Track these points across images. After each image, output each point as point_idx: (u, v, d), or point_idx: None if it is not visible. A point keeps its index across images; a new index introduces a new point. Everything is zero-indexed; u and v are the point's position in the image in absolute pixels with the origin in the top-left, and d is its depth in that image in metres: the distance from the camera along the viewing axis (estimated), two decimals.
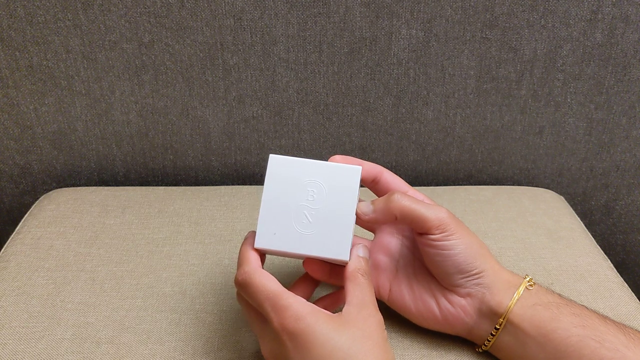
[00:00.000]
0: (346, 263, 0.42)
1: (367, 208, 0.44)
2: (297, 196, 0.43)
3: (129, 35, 0.63)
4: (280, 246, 0.42)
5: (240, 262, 0.42)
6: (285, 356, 0.39)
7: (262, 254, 0.44)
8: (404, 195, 0.44)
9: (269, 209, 0.43)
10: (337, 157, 0.45)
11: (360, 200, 0.45)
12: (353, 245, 0.43)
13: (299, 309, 0.38)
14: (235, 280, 0.42)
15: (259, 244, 0.43)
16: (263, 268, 0.42)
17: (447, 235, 0.44)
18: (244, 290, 0.41)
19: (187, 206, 0.65)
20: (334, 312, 0.41)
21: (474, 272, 0.44)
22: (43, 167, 0.72)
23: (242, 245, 0.44)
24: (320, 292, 0.52)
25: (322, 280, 0.46)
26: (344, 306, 0.41)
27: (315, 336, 0.38)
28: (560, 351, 0.41)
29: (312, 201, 0.43)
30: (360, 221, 0.45)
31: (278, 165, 0.43)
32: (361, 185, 0.47)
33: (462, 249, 0.44)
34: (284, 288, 0.40)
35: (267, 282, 0.40)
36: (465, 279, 0.44)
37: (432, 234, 0.44)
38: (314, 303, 0.46)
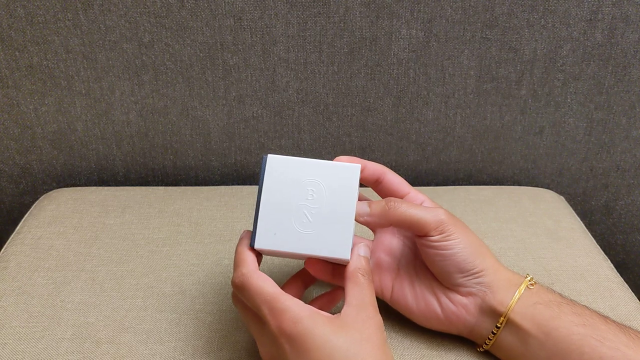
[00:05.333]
0: (347, 262, 0.42)
1: (363, 210, 0.44)
2: (296, 196, 0.43)
3: (129, 35, 0.63)
4: (281, 246, 0.42)
5: (237, 264, 0.42)
6: (284, 359, 0.39)
7: (260, 255, 0.44)
8: (400, 202, 0.44)
9: (268, 209, 0.43)
10: (342, 157, 0.45)
11: (359, 200, 0.45)
12: (354, 245, 0.43)
13: (296, 312, 0.38)
14: (232, 282, 0.42)
15: (260, 244, 0.42)
16: (260, 268, 0.42)
17: (446, 236, 0.44)
18: (241, 293, 0.41)
19: (187, 206, 0.65)
20: (331, 312, 0.41)
21: (474, 270, 0.44)
22: (43, 167, 0.72)
23: (238, 245, 0.43)
24: (318, 290, 0.52)
25: (325, 280, 0.46)
26: (342, 307, 0.40)
27: (314, 339, 0.38)
28: (561, 349, 0.41)
29: (311, 200, 0.42)
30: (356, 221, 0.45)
31: (276, 165, 0.43)
32: (364, 185, 0.47)
33: (461, 248, 0.44)
34: (281, 290, 0.40)
35: (264, 285, 0.40)
36: (465, 278, 0.44)
37: (430, 236, 0.44)
38: (310, 302, 0.46)
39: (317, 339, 0.37)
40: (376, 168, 0.47)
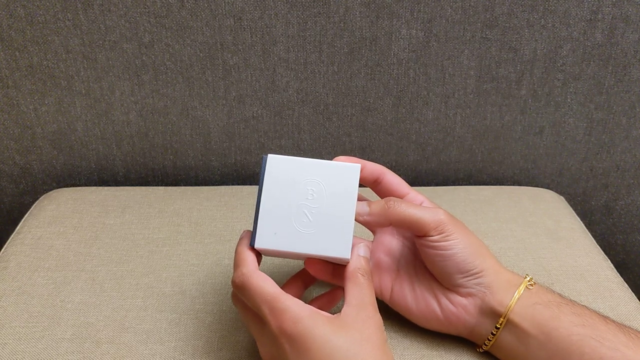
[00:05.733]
0: (347, 262, 0.42)
1: (362, 209, 0.44)
2: (296, 195, 0.43)
3: (129, 35, 0.63)
4: (281, 246, 0.42)
5: (237, 264, 0.42)
6: (284, 359, 0.39)
7: (259, 255, 0.44)
8: (400, 202, 0.44)
9: (268, 208, 0.43)
10: (341, 157, 0.45)
11: (358, 199, 0.45)
12: (354, 245, 0.43)
13: (296, 312, 0.38)
14: (232, 282, 0.42)
15: (260, 244, 0.42)
16: (260, 269, 0.42)
17: (446, 236, 0.44)
18: (241, 293, 0.41)
19: (187, 206, 0.65)
20: (331, 312, 0.41)
21: (473, 271, 0.44)
22: (43, 167, 0.72)
23: (238, 245, 0.43)
24: (318, 290, 0.52)
25: (325, 280, 0.46)
26: (342, 306, 0.41)
27: (314, 339, 0.38)
28: (561, 350, 0.41)
29: (312, 200, 0.42)
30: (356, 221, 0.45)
31: (276, 165, 0.43)
32: (363, 186, 0.47)
33: (460, 248, 0.44)
34: (282, 290, 0.40)
35: (264, 285, 0.40)
36: (465, 279, 0.44)
37: (430, 236, 0.44)
38: (309, 302, 0.46)
39: (317, 339, 0.38)
40: (375, 168, 0.47)
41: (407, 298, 0.47)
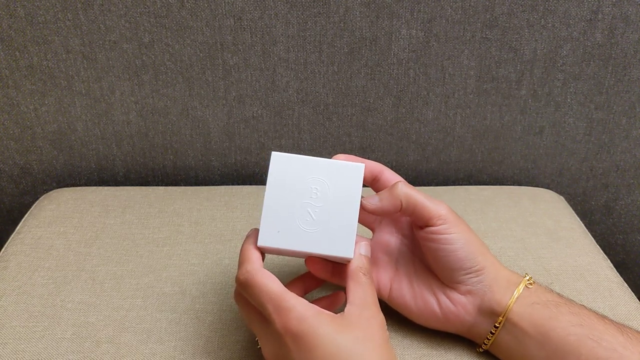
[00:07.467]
0: (350, 261, 0.42)
1: (373, 199, 0.45)
2: (300, 194, 0.43)
3: (129, 35, 0.63)
4: (284, 244, 0.42)
5: (241, 261, 0.42)
6: (288, 357, 0.39)
7: (263, 253, 0.44)
8: (407, 185, 0.45)
9: (272, 207, 0.42)
10: (341, 155, 0.45)
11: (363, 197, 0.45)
12: (355, 243, 0.43)
13: (302, 311, 0.38)
14: (236, 279, 0.42)
15: (263, 242, 0.42)
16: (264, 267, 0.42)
17: (448, 228, 0.44)
18: (245, 290, 0.41)
19: (187, 206, 0.65)
20: (334, 313, 0.41)
21: (475, 268, 0.44)
22: (43, 167, 0.72)
23: (244, 243, 0.43)
24: (319, 292, 0.52)
25: (324, 279, 0.46)
26: (345, 305, 0.41)
27: (319, 338, 0.38)
28: (559, 350, 0.42)
29: (315, 199, 0.42)
30: (365, 214, 0.45)
31: (281, 162, 0.43)
32: (364, 185, 0.47)
33: (463, 243, 0.44)
34: (286, 289, 0.40)
35: (268, 282, 0.40)
36: (467, 276, 0.44)
37: (433, 225, 0.44)
38: (312, 303, 0.46)
39: (322, 338, 0.38)
40: (374, 166, 0.47)
41: (406, 296, 0.47)
